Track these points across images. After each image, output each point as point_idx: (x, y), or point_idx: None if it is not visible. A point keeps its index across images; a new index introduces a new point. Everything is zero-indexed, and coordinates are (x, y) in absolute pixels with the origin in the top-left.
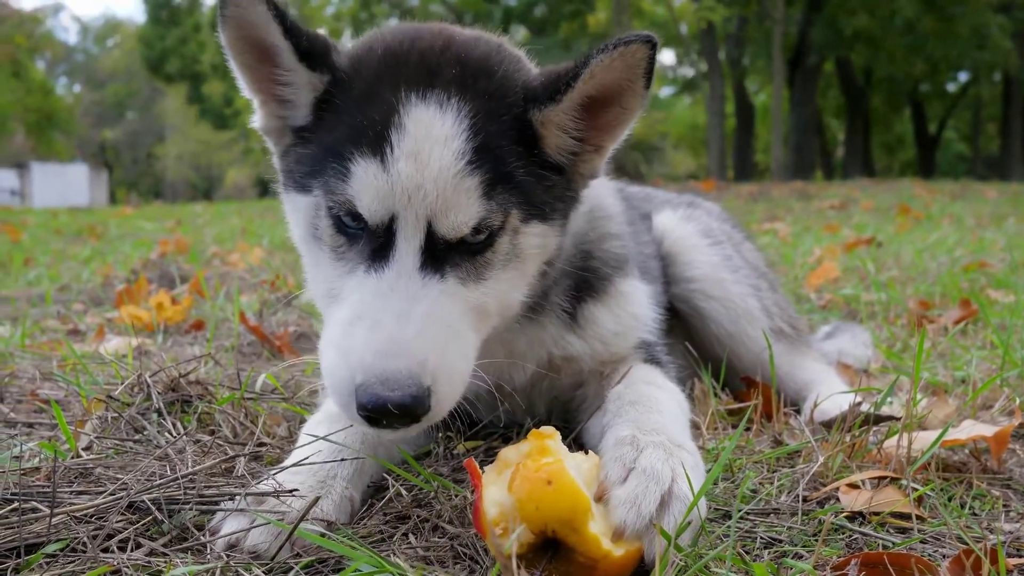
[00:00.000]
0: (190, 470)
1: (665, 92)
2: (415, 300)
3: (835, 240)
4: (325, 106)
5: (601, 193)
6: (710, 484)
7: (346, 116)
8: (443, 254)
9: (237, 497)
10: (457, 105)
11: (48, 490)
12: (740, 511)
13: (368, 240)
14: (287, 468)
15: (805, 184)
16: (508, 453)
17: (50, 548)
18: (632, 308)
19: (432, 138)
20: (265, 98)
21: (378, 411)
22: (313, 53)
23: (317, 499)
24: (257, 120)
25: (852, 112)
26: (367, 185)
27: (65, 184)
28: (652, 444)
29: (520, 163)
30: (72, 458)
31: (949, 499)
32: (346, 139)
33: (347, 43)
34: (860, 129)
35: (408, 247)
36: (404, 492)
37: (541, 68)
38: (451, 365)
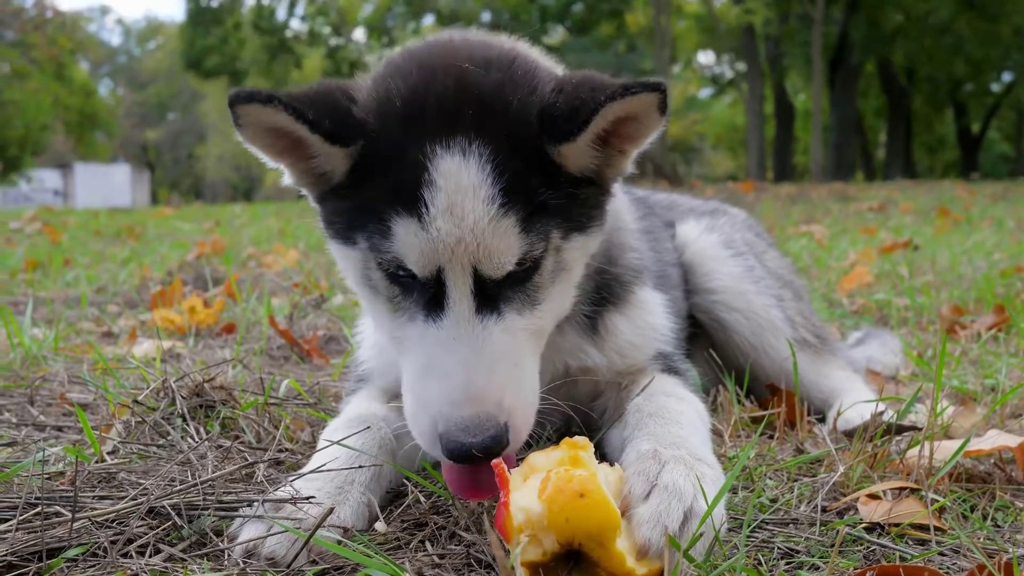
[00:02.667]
0: (210, 476)
1: (704, 93)
2: (479, 345)
3: (871, 243)
4: (359, 165)
5: (621, 204)
6: (724, 494)
7: (379, 174)
8: (494, 291)
9: (255, 503)
10: (479, 150)
11: (71, 495)
12: (752, 521)
13: (421, 290)
14: (305, 474)
15: (844, 185)
16: (536, 459)
17: (71, 553)
18: (649, 317)
19: (460, 187)
20: (293, 161)
21: (463, 457)
22: (341, 131)
23: (331, 509)
24: (287, 179)
25: (893, 112)
26: (410, 244)
27: (107, 184)
28: (674, 459)
29: (551, 190)
30: (96, 463)
31: (972, 510)
32: (383, 198)
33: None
34: (901, 130)
35: (460, 294)
36: (423, 499)
37: (564, 72)
38: (523, 399)
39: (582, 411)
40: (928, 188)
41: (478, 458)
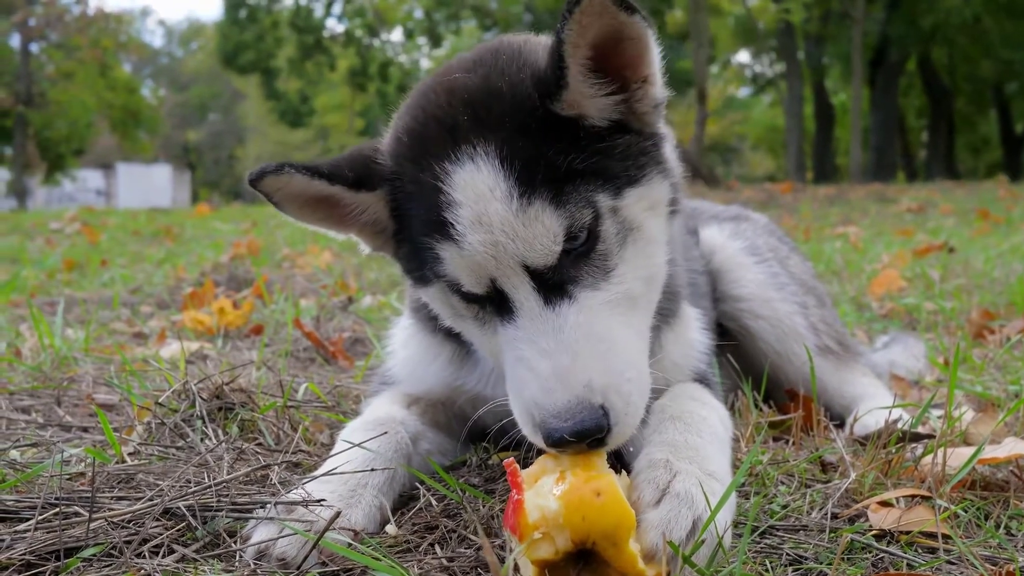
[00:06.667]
0: (225, 478)
1: (743, 92)
2: (556, 331)
3: (907, 245)
4: (396, 207)
5: None
6: (728, 499)
7: (412, 210)
8: (557, 277)
9: (268, 505)
10: (483, 150)
11: (90, 495)
12: (754, 527)
13: (490, 302)
14: (318, 477)
15: (884, 186)
16: (546, 461)
17: (87, 552)
18: (691, 333)
19: (478, 195)
20: (355, 229)
21: (558, 443)
22: (364, 178)
23: (339, 513)
24: (364, 248)
25: (935, 112)
26: (458, 266)
27: (149, 184)
28: (685, 471)
29: (575, 153)
30: (116, 463)
31: (985, 518)
32: (422, 232)
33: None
34: (943, 130)
35: (522, 295)
36: (434, 502)
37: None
38: (617, 377)
39: None
40: (970, 189)
41: (575, 443)
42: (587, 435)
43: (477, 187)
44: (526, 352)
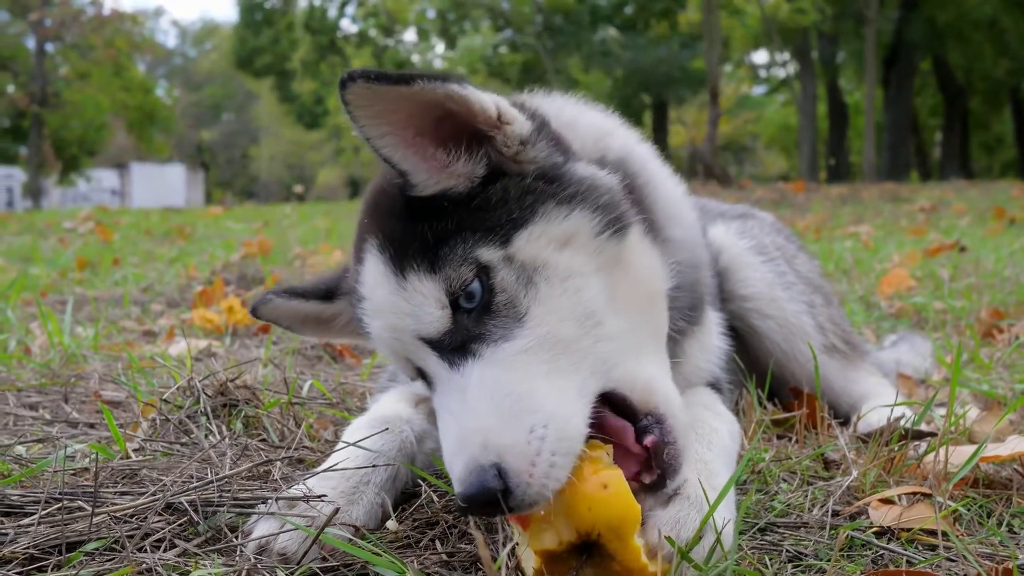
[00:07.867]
0: (227, 473)
1: (757, 91)
2: (461, 392)
3: (919, 245)
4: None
5: (691, 215)
6: (727, 494)
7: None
8: (458, 340)
9: (269, 501)
10: (371, 244)
11: (93, 490)
12: (754, 524)
13: (424, 380)
14: (320, 473)
15: (897, 186)
16: None
17: (90, 546)
18: (711, 339)
19: (370, 286)
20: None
21: (464, 512)
22: (332, 290)
23: (338, 510)
24: None
25: (950, 111)
26: (385, 356)
27: (163, 184)
28: (693, 480)
29: (444, 220)
30: (121, 459)
31: (988, 516)
32: (365, 331)
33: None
34: (958, 129)
35: (430, 364)
36: (436, 498)
37: None
38: (520, 433)
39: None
40: (984, 188)
41: (479, 511)
42: (476, 500)
43: (367, 279)
44: (443, 418)
